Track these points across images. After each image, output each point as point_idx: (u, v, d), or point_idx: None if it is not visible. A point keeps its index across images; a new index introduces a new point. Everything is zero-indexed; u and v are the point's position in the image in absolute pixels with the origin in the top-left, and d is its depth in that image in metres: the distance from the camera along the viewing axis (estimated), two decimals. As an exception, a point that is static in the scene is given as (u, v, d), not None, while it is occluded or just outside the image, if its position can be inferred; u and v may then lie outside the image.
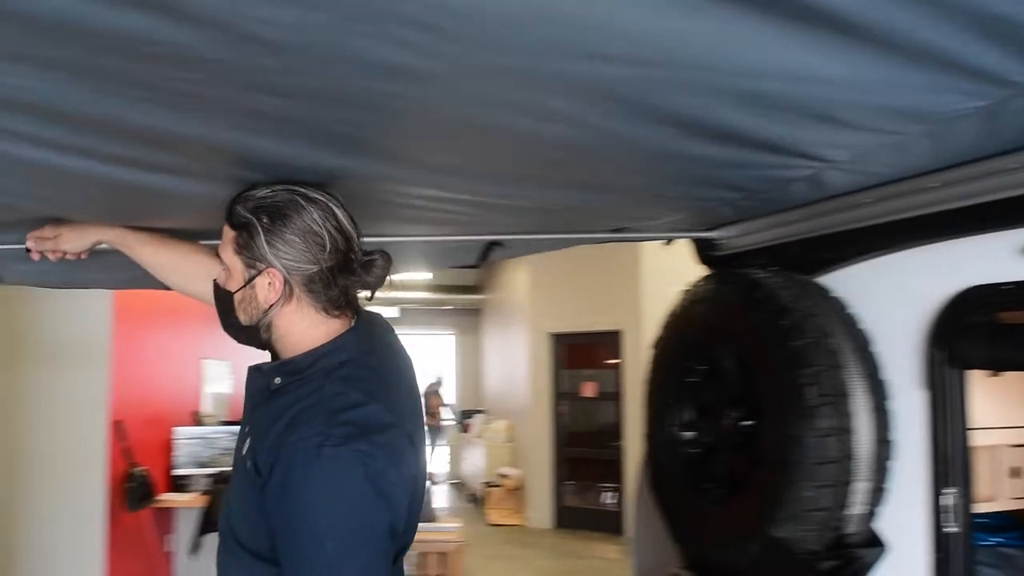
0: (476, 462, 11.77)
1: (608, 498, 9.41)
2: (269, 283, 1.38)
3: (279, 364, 1.44)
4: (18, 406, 3.67)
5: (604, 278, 9.13)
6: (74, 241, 1.81)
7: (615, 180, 1.75)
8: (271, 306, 1.40)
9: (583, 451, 9.88)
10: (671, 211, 2.10)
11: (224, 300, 1.47)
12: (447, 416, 13.73)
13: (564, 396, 10.12)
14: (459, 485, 13.05)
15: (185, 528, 6.36)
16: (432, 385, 13.64)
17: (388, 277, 1.45)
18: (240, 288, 1.42)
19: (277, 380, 1.40)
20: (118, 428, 4.90)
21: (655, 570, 2.55)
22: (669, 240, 2.35)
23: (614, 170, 1.65)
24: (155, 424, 6.16)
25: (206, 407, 7.60)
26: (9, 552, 3.57)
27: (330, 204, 1.39)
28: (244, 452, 1.40)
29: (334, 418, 1.27)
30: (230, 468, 5.28)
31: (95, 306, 4.58)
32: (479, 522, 9.81)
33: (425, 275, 13.61)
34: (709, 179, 1.72)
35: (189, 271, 1.77)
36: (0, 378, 3.54)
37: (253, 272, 1.39)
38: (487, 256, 2.33)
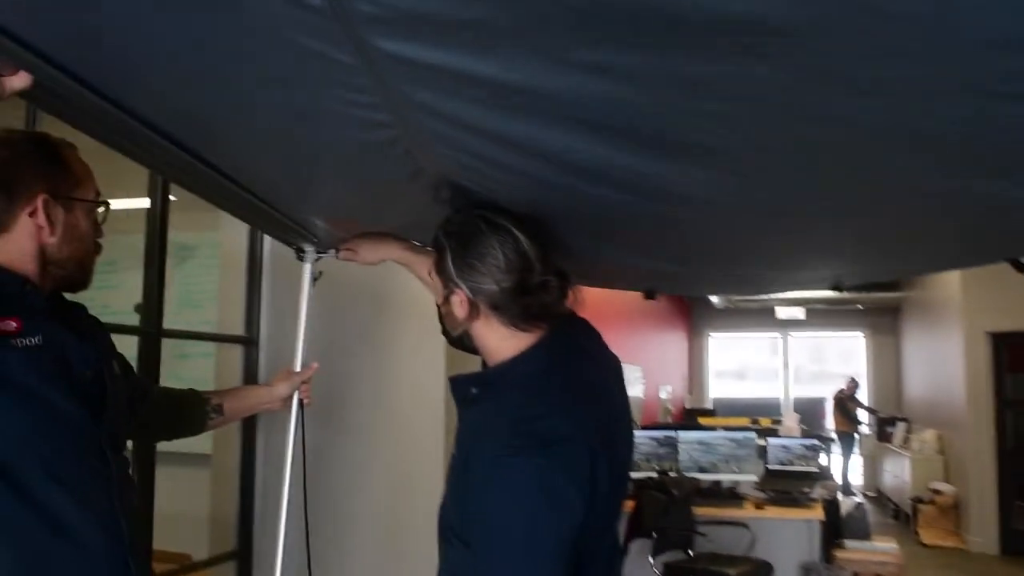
0: (899, 475, 10.83)
1: (1070, 524, 8.11)
2: (460, 301, 1.49)
3: (473, 376, 1.54)
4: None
5: (1059, 268, 7.86)
6: (368, 255, 2.08)
7: None
8: (464, 321, 1.50)
9: (1036, 468, 8.61)
10: None
11: (439, 313, 1.61)
12: (864, 423, 12.75)
13: (1010, 404, 8.89)
14: (878, 499, 12.09)
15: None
16: (843, 391, 12.73)
17: (569, 295, 1.51)
18: (443, 304, 1.54)
19: (473, 390, 1.51)
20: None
21: None
22: None
23: None
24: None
25: (625, 411, 7.72)
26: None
27: (512, 229, 1.46)
28: (455, 453, 1.52)
29: (515, 429, 1.36)
30: (652, 474, 5.23)
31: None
32: (909, 542, 8.92)
33: (833, 273, 12.79)
34: None
35: None
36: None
37: (447, 291, 1.51)
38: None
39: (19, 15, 1.05)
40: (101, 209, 1.57)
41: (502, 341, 1.50)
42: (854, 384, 12.79)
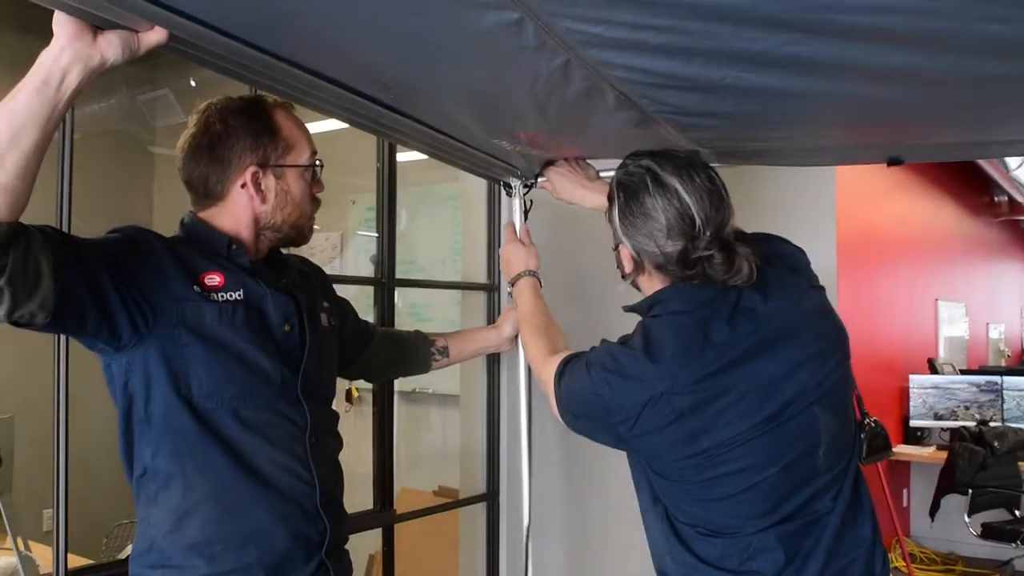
0: None
1: None
2: (626, 255, 1.50)
3: (630, 309, 1.53)
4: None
5: None
6: (561, 191, 2.05)
7: None
8: (631, 274, 1.52)
9: None
10: None
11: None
12: None
13: None
14: None
15: (920, 484, 5.95)
16: None
17: (738, 262, 1.38)
18: (614, 250, 1.55)
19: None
20: (845, 373, 4.74)
21: None
22: None
23: None
24: (885, 370, 5.82)
25: (942, 353, 7.01)
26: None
27: (679, 190, 1.39)
28: None
29: (610, 345, 1.47)
30: (971, 423, 4.75)
31: (819, 236, 4.38)
32: None
33: None
34: None
35: None
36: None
37: (615, 241, 1.52)
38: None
39: None
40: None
41: None
42: None
